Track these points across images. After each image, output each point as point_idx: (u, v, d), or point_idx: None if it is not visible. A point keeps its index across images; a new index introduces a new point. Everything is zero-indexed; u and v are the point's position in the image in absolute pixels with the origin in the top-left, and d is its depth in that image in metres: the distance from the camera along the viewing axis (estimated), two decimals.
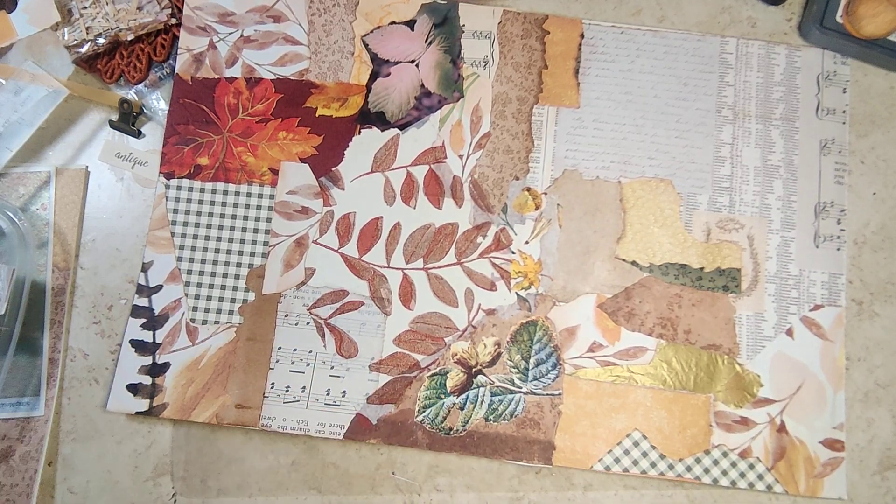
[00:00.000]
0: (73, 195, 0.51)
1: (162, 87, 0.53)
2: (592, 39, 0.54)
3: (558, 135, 0.52)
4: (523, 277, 0.51)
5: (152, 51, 0.52)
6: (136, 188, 0.52)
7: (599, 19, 0.54)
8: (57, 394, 0.49)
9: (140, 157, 0.52)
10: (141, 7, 0.51)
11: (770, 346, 0.50)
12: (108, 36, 0.51)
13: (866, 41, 0.53)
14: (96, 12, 0.51)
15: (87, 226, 0.51)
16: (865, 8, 0.51)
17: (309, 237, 0.51)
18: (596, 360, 0.50)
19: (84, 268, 0.51)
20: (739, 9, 0.55)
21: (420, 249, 0.51)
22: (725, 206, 0.52)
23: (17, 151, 0.51)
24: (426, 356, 0.49)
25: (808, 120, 0.53)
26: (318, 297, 0.50)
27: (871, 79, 0.54)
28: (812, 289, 0.51)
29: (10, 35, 0.50)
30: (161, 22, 0.51)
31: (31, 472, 0.47)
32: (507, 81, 0.53)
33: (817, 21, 0.53)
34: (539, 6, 0.55)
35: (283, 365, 0.49)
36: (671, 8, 0.55)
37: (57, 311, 0.50)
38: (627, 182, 0.52)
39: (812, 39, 0.54)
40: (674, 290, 0.51)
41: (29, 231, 0.50)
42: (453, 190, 0.52)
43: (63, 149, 0.53)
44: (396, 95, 0.52)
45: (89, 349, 0.50)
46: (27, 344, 0.49)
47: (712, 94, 0.53)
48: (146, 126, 0.53)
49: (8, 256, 0.49)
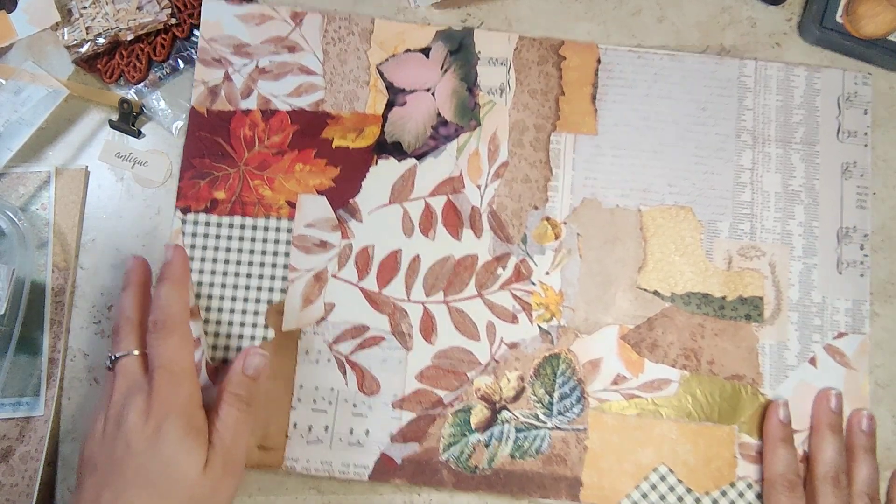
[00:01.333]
0: (73, 195, 0.51)
1: (162, 87, 0.52)
2: (609, 64, 0.53)
3: (577, 163, 0.52)
4: (545, 309, 0.50)
5: (152, 51, 0.52)
6: (137, 188, 0.51)
7: (613, 44, 0.53)
8: (57, 394, 0.49)
9: (140, 157, 0.51)
10: (141, 7, 0.50)
11: (793, 376, 0.50)
12: (108, 36, 0.50)
13: (866, 41, 0.52)
14: (96, 12, 0.50)
15: (87, 226, 0.51)
16: (865, 8, 0.51)
17: (328, 271, 0.50)
18: (620, 393, 0.49)
19: (84, 268, 0.51)
20: (739, 9, 0.55)
21: (440, 282, 0.50)
22: (746, 233, 0.51)
23: (17, 151, 0.50)
24: (449, 392, 0.49)
25: (829, 143, 0.53)
26: (339, 333, 0.49)
27: (871, 79, 0.54)
28: (835, 316, 0.51)
29: (10, 35, 0.50)
30: (161, 22, 0.51)
31: (31, 472, 0.47)
32: (524, 109, 0.52)
33: (817, 21, 0.52)
34: (539, 6, 0.54)
35: (305, 404, 0.49)
36: (671, 8, 0.55)
37: (57, 311, 0.50)
38: (647, 210, 0.51)
39: (812, 39, 0.54)
40: (696, 320, 0.50)
41: (29, 231, 0.49)
42: (472, 220, 0.51)
43: (63, 149, 0.52)
44: (413, 125, 0.52)
45: (89, 349, 0.50)
46: (27, 344, 0.49)
47: (731, 119, 0.53)
48: (146, 126, 0.52)
49: (8, 256, 0.48)
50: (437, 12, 0.54)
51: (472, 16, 0.54)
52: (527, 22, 0.54)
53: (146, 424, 0.41)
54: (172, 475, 0.41)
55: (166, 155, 0.52)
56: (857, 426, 0.48)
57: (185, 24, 0.52)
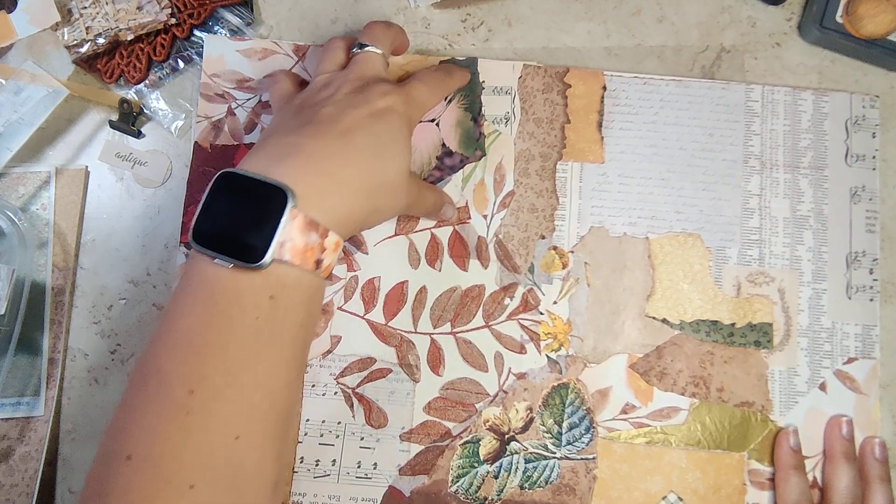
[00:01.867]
0: (73, 195, 0.51)
1: (162, 87, 0.52)
2: (615, 91, 0.53)
3: (583, 191, 0.52)
4: (553, 339, 0.50)
5: (152, 51, 0.52)
6: (136, 188, 0.52)
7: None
8: (57, 394, 0.49)
9: (140, 157, 0.52)
10: (141, 7, 0.50)
11: (803, 402, 0.50)
12: (108, 36, 0.50)
13: (866, 41, 0.52)
14: (96, 12, 0.50)
15: (87, 226, 0.51)
16: (865, 8, 0.51)
17: (334, 304, 0.50)
18: (629, 422, 0.49)
19: (84, 268, 0.51)
20: (739, 9, 0.55)
21: (447, 313, 0.50)
22: (755, 259, 0.51)
23: (17, 151, 0.50)
24: (457, 423, 0.49)
25: (837, 167, 0.52)
26: (345, 366, 0.49)
27: (872, 79, 0.54)
28: (845, 341, 0.50)
29: (10, 35, 0.50)
30: (161, 22, 0.51)
31: (32, 472, 0.47)
32: (530, 138, 0.52)
33: (817, 21, 0.52)
34: (539, 6, 0.54)
35: (312, 438, 0.49)
36: (671, 8, 0.54)
37: (57, 311, 0.50)
38: (655, 238, 0.51)
39: (812, 39, 0.53)
40: (705, 348, 0.50)
41: (29, 231, 0.49)
42: (478, 251, 0.51)
43: (63, 149, 0.52)
44: (418, 156, 0.52)
45: (89, 349, 0.50)
46: (27, 344, 0.49)
47: (738, 145, 0.52)
48: (146, 126, 0.52)
49: (8, 256, 0.48)
50: (436, 12, 0.54)
51: (472, 16, 0.54)
52: (527, 22, 0.54)
53: (384, 99, 0.42)
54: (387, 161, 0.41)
55: (166, 155, 0.52)
56: (871, 454, 0.48)
57: (185, 24, 0.52)
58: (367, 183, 0.40)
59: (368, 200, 0.40)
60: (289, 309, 0.37)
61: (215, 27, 0.53)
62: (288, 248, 0.35)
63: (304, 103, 0.43)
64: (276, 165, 0.37)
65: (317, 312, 0.40)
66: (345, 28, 0.54)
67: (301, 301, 0.37)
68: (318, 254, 0.37)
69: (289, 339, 0.37)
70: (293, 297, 0.37)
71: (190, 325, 0.36)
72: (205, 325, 0.35)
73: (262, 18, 0.54)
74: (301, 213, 0.36)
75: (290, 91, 0.46)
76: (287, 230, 0.35)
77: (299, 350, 0.39)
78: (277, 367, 0.37)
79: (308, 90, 0.45)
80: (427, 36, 0.54)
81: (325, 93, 0.43)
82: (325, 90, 0.43)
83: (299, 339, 0.38)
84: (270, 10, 0.54)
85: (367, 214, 0.41)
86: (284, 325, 0.36)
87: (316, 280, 0.38)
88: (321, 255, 0.37)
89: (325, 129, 0.40)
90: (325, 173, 0.38)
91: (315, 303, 0.39)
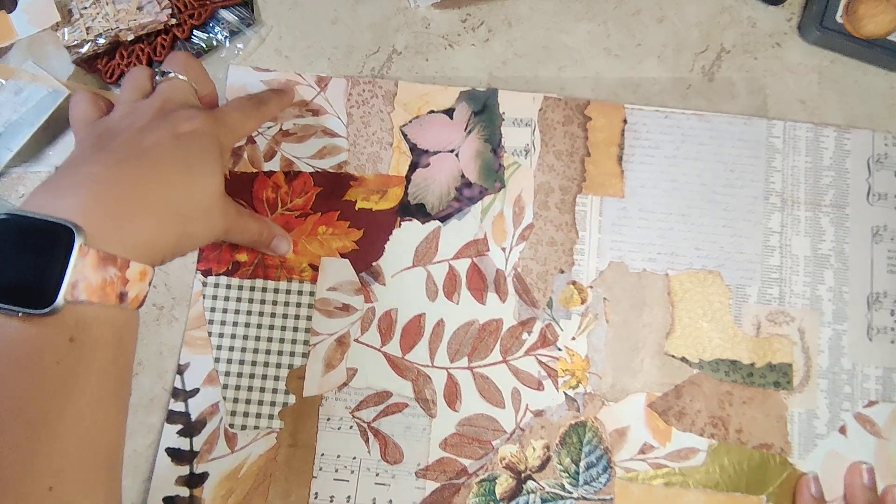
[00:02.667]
0: None
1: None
2: (636, 125, 0.52)
3: (603, 225, 0.51)
4: (571, 376, 0.49)
5: (152, 51, 0.51)
6: None
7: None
8: None
9: None
10: (141, 7, 0.50)
11: (822, 445, 0.49)
12: (109, 36, 0.50)
13: (866, 41, 0.52)
14: (96, 12, 0.50)
15: None
16: (865, 8, 0.50)
17: (350, 335, 0.49)
18: (647, 463, 0.48)
19: None
20: (739, 9, 0.55)
21: (464, 347, 0.49)
22: (775, 297, 0.51)
23: (17, 151, 0.50)
24: (474, 461, 0.48)
25: (859, 206, 0.52)
26: (361, 399, 0.49)
27: (871, 79, 0.54)
28: (866, 384, 0.50)
29: (10, 35, 0.50)
30: (161, 22, 0.51)
31: None
32: (550, 170, 0.51)
33: (817, 21, 0.52)
34: (539, 6, 0.54)
35: (327, 473, 0.48)
36: (671, 8, 0.54)
37: None
38: (675, 274, 0.51)
39: (812, 39, 0.53)
40: (724, 388, 0.49)
41: None
42: (497, 284, 0.50)
43: (63, 149, 0.52)
44: (436, 186, 0.51)
45: None
46: None
47: (760, 181, 0.52)
48: None
49: None
50: (437, 12, 0.54)
51: (472, 16, 0.54)
52: (527, 22, 0.54)
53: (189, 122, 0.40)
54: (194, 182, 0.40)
55: None
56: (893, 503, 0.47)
57: (185, 24, 0.52)
58: (173, 205, 0.38)
59: (176, 225, 0.38)
60: (95, 347, 0.34)
61: (215, 27, 0.52)
62: (82, 287, 0.33)
63: (105, 131, 0.41)
64: (65, 198, 0.35)
65: (131, 345, 0.37)
66: (345, 28, 0.54)
67: (108, 337, 0.35)
68: (121, 287, 0.35)
69: (100, 378, 0.34)
70: (97, 334, 0.34)
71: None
72: (2, 377, 0.33)
73: (262, 19, 0.54)
74: (92, 248, 0.33)
75: (92, 116, 0.43)
76: (78, 269, 0.33)
77: (115, 386, 0.36)
78: (91, 409, 0.34)
79: (110, 117, 0.42)
80: (427, 36, 0.54)
81: (128, 120, 0.41)
82: (128, 118, 0.41)
83: (112, 375, 0.35)
84: (270, 10, 0.54)
85: (177, 239, 0.38)
86: (92, 365, 0.34)
87: (123, 314, 0.36)
88: (124, 288, 0.35)
89: (125, 153, 0.37)
90: (124, 200, 0.36)
91: (127, 336, 0.37)
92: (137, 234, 0.36)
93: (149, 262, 0.37)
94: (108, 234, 0.35)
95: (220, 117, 0.43)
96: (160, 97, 0.42)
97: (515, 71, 0.53)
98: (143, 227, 0.37)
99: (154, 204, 0.37)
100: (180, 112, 0.41)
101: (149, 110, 0.41)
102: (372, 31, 0.54)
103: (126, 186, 0.37)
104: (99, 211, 0.35)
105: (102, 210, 0.35)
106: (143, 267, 0.37)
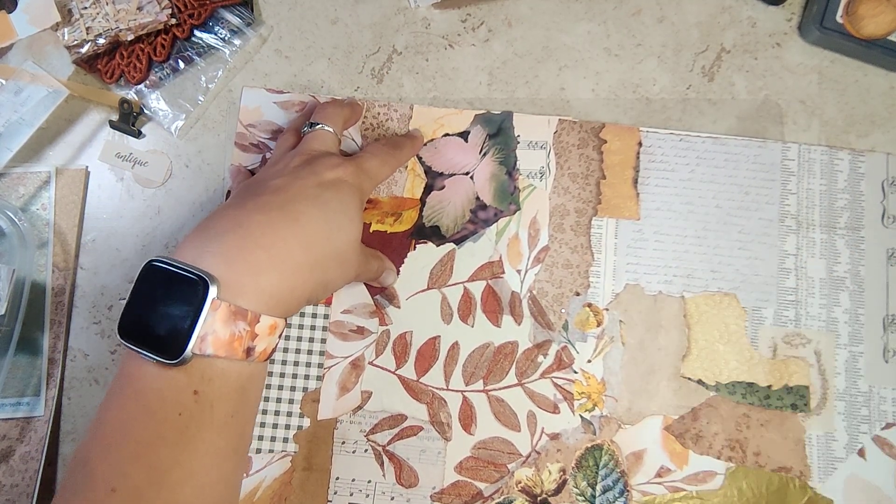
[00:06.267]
0: (73, 195, 0.51)
1: (162, 88, 0.52)
2: (651, 147, 0.52)
3: (619, 248, 0.51)
4: (587, 398, 0.49)
5: (152, 51, 0.51)
6: (136, 188, 0.51)
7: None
8: (57, 394, 0.48)
9: (140, 157, 0.51)
10: (141, 7, 0.50)
11: (842, 468, 0.49)
12: (109, 36, 0.50)
13: (866, 41, 0.52)
14: (96, 12, 0.50)
15: (87, 226, 0.51)
16: (865, 8, 0.51)
17: (365, 358, 0.49)
18: (664, 486, 0.48)
19: (84, 268, 0.50)
20: (739, 9, 0.55)
21: (479, 370, 0.49)
22: (791, 320, 0.51)
23: (17, 151, 0.50)
24: (489, 484, 0.48)
25: (874, 228, 0.52)
26: (376, 423, 0.49)
27: (871, 79, 0.54)
28: (883, 406, 0.50)
29: (10, 35, 0.50)
30: (161, 22, 0.51)
31: (32, 472, 0.47)
32: (565, 193, 0.51)
33: (817, 21, 0.52)
34: (539, 6, 0.54)
35: (342, 497, 0.47)
36: (671, 8, 0.54)
37: (57, 311, 0.49)
38: (691, 297, 0.51)
39: (812, 39, 0.53)
40: (741, 410, 0.49)
41: (29, 231, 0.49)
42: (512, 306, 0.50)
43: (63, 149, 0.52)
44: (451, 209, 0.51)
45: (89, 349, 0.49)
46: (27, 344, 0.48)
47: (775, 203, 0.52)
48: (146, 126, 0.52)
49: (8, 256, 0.48)
50: (437, 12, 0.54)
51: (472, 16, 0.54)
52: (527, 22, 0.54)
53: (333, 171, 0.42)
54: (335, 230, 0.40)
55: (166, 155, 0.52)
56: None
57: (185, 24, 0.52)
58: (312, 255, 0.38)
59: (314, 274, 0.39)
60: (217, 402, 0.35)
61: (215, 27, 0.52)
62: (210, 341, 0.34)
63: (255, 180, 0.42)
64: (208, 246, 0.36)
65: (254, 398, 0.38)
66: (345, 28, 0.54)
67: (231, 392, 0.35)
68: (249, 342, 0.35)
69: (219, 433, 0.35)
70: (221, 389, 0.35)
71: (116, 419, 0.34)
72: (129, 420, 0.33)
73: (262, 18, 0.54)
74: (224, 302, 0.34)
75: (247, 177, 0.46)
76: (209, 323, 0.33)
77: (234, 440, 0.36)
78: (209, 462, 0.34)
79: (260, 171, 0.44)
80: (427, 36, 0.54)
81: (274, 169, 0.43)
82: (275, 166, 0.43)
83: (232, 429, 0.36)
84: (270, 10, 0.54)
85: (313, 288, 0.39)
86: (214, 420, 0.35)
87: (248, 368, 0.36)
88: (252, 343, 0.35)
89: (269, 200, 0.39)
90: (264, 248, 0.36)
91: (251, 390, 0.37)
92: (275, 284, 0.37)
93: (282, 313, 0.37)
94: (245, 285, 0.35)
95: (360, 164, 0.44)
96: (305, 147, 0.44)
97: (516, 71, 0.53)
98: (281, 277, 0.37)
99: (294, 253, 0.38)
100: (324, 160, 0.42)
101: (294, 158, 0.43)
102: (372, 31, 0.54)
103: (269, 235, 0.37)
104: (239, 259, 0.36)
105: (242, 258, 0.36)
106: (274, 321, 0.37)
